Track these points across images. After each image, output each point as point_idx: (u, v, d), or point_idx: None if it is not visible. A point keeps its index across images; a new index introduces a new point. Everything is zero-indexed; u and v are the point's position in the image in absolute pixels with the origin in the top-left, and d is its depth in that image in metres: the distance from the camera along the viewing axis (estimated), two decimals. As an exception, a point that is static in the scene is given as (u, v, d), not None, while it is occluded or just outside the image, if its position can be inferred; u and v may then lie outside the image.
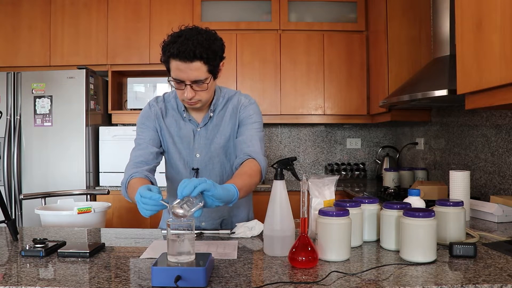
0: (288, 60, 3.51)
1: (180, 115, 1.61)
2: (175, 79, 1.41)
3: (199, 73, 1.38)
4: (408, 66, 2.98)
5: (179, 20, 3.46)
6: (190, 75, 1.38)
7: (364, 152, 3.90)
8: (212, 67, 1.41)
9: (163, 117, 1.61)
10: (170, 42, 1.38)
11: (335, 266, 1.11)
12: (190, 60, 1.35)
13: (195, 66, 1.37)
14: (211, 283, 0.99)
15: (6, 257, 1.24)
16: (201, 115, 1.60)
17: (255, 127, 1.57)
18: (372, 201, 1.39)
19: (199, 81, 1.40)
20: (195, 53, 1.34)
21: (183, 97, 1.45)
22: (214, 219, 1.68)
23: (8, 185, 3.15)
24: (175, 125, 1.61)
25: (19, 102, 3.18)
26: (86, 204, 2.05)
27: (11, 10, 3.50)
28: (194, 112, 1.60)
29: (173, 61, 1.38)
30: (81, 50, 3.50)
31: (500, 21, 1.42)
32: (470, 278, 1.01)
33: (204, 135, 1.60)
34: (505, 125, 2.12)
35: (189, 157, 1.62)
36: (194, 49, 1.34)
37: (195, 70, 1.37)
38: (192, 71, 1.37)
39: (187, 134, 1.60)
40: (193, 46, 1.34)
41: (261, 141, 1.58)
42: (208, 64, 1.39)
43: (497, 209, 1.70)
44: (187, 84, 1.41)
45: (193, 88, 1.42)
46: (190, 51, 1.34)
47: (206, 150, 1.61)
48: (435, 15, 2.51)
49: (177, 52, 1.35)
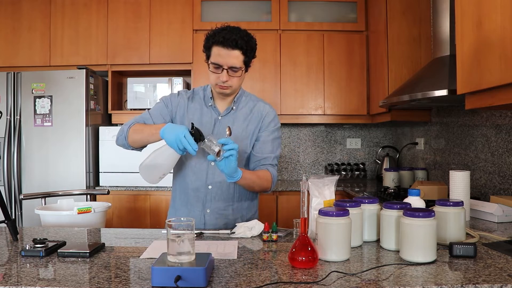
0: (288, 60, 3.51)
1: (205, 104, 1.74)
2: (214, 63, 1.59)
3: (237, 61, 1.59)
4: (408, 66, 2.98)
5: (179, 20, 3.48)
6: (229, 61, 1.58)
7: (364, 152, 3.90)
8: (248, 59, 1.62)
9: (188, 102, 1.75)
10: (216, 31, 1.60)
11: (335, 266, 1.11)
12: (232, 47, 1.56)
13: (235, 54, 1.57)
14: (211, 283, 0.99)
15: (6, 257, 1.24)
16: (225, 106, 1.74)
17: (277, 136, 1.74)
18: (372, 201, 1.39)
19: (235, 68, 1.59)
20: (237, 42, 1.56)
21: (217, 81, 1.62)
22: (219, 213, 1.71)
23: (8, 185, 3.15)
24: (198, 112, 1.73)
25: (19, 102, 3.18)
26: (86, 204, 2.05)
27: (11, 10, 3.50)
28: (219, 101, 1.74)
29: (215, 48, 1.58)
30: (81, 50, 3.50)
31: (500, 21, 1.42)
32: (470, 278, 1.01)
33: (225, 124, 1.70)
34: (505, 125, 2.12)
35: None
36: (237, 40, 1.56)
37: (234, 58, 1.58)
38: (231, 58, 1.57)
39: (209, 121, 1.72)
40: (236, 37, 1.56)
41: (279, 147, 1.76)
42: (245, 55, 1.60)
43: (497, 209, 1.70)
44: (224, 69, 1.59)
45: (229, 73, 1.60)
46: (233, 40, 1.55)
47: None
48: (435, 15, 2.51)
49: (222, 39, 1.56)
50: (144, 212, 3.20)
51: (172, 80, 3.51)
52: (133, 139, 1.65)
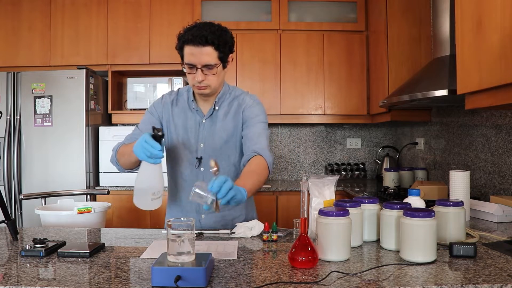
0: (288, 60, 3.51)
1: (188, 107, 1.69)
2: (188, 63, 1.52)
3: (210, 58, 1.50)
4: (408, 66, 2.98)
5: (179, 20, 3.47)
6: (202, 59, 1.50)
7: (364, 152, 3.90)
8: (222, 54, 1.53)
9: (172, 107, 1.70)
10: (185, 30, 1.53)
11: (335, 266, 1.11)
12: (202, 44, 1.48)
13: (207, 50, 1.49)
14: (211, 283, 0.99)
15: (6, 257, 1.24)
16: (207, 107, 1.68)
17: (261, 126, 1.64)
18: (372, 201, 1.39)
19: (209, 66, 1.51)
20: (207, 38, 1.48)
21: (193, 82, 1.55)
22: (217, 216, 1.69)
23: (8, 185, 3.15)
24: (183, 116, 1.68)
25: (19, 102, 3.18)
26: (86, 204, 2.05)
27: (11, 10, 3.50)
28: (201, 103, 1.68)
29: (186, 47, 1.51)
30: (81, 50, 3.50)
31: (500, 21, 1.42)
32: (470, 278, 1.01)
33: (209, 126, 1.66)
34: (505, 125, 2.12)
35: (193, 147, 1.67)
36: (207, 35, 1.48)
37: (206, 55, 1.49)
38: (203, 55, 1.49)
39: (193, 125, 1.67)
40: (205, 32, 1.48)
41: (267, 138, 1.64)
42: (218, 51, 1.51)
43: (497, 209, 1.70)
44: (198, 68, 1.51)
45: (204, 72, 1.52)
46: (203, 37, 1.47)
47: (209, 141, 1.65)
48: (435, 15, 2.51)
49: (191, 37, 1.48)
50: (144, 212, 3.20)
51: (172, 80, 3.51)
52: (123, 162, 1.59)
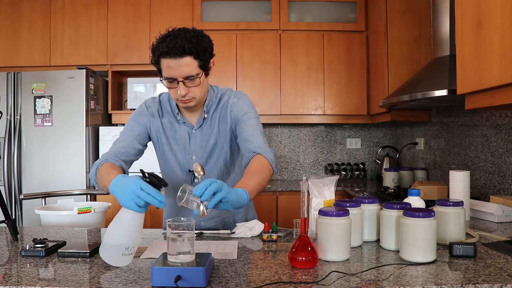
0: (288, 60, 3.51)
1: (174, 118, 1.59)
2: (167, 77, 1.41)
3: (190, 68, 1.38)
4: (408, 66, 2.98)
5: (179, 20, 3.47)
6: (182, 72, 1.38)
7: (364, 152, 3.90)
8: (203, 62, 1.41)
9: (160, 117, 1.60)
10: (159, 42, 1.39)
11: (335, 266, 1.11)
12: (180, 55, 1.35)
13: (186, 61, 1.37)
14: (211, 283, 0.99)
15: (6, 257, 1.24)
16: (196, 117, 1.58)
17: (252, 122, 1.53)
18: (372, 201, 1.39)
19: (191, 77, 1.40)
20: (184, 48, 1.35)
21: (176, 96, 1.44)
22: (214, 217, 1.67)
23: (8, 185, 3.15)
24: (170, 127, 1.60)
25: (19, 102, 3.18)
26: (86, 204, 2.05)
27: (11, 10, 3.50)
28: (188, 114, 1.58)
29: (163, 60, 1.39)
30: (81, 50, 3.50)
31: (500, 21, 1.42)
32: (470, 278, 1.01)
33: (200, 136, 1.58)
34: (505, 125, 2.12)
35: (184, 159, 1.60)
36: (183, 45, 1.35)
37: (186, 66, 1.37)
38: (183, 67, 1.37)
39: (183, 136, 1.59)
40: (182, 42, 1.35)
41: (262, 134, 1.54)
42: (198, 59, 1.39)
43: (497, 209, 1.70)
44: (180, 81, 1.40)
45: (186, 84, 1.41)
46: (179, 47, 1.34)
47: (202, 152, 1.59)
48: (435, 15, 2.51)
49: (166, 49, 1.35)
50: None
51: (172, 80, 3.51)
52: (102, 186, 1.39)
